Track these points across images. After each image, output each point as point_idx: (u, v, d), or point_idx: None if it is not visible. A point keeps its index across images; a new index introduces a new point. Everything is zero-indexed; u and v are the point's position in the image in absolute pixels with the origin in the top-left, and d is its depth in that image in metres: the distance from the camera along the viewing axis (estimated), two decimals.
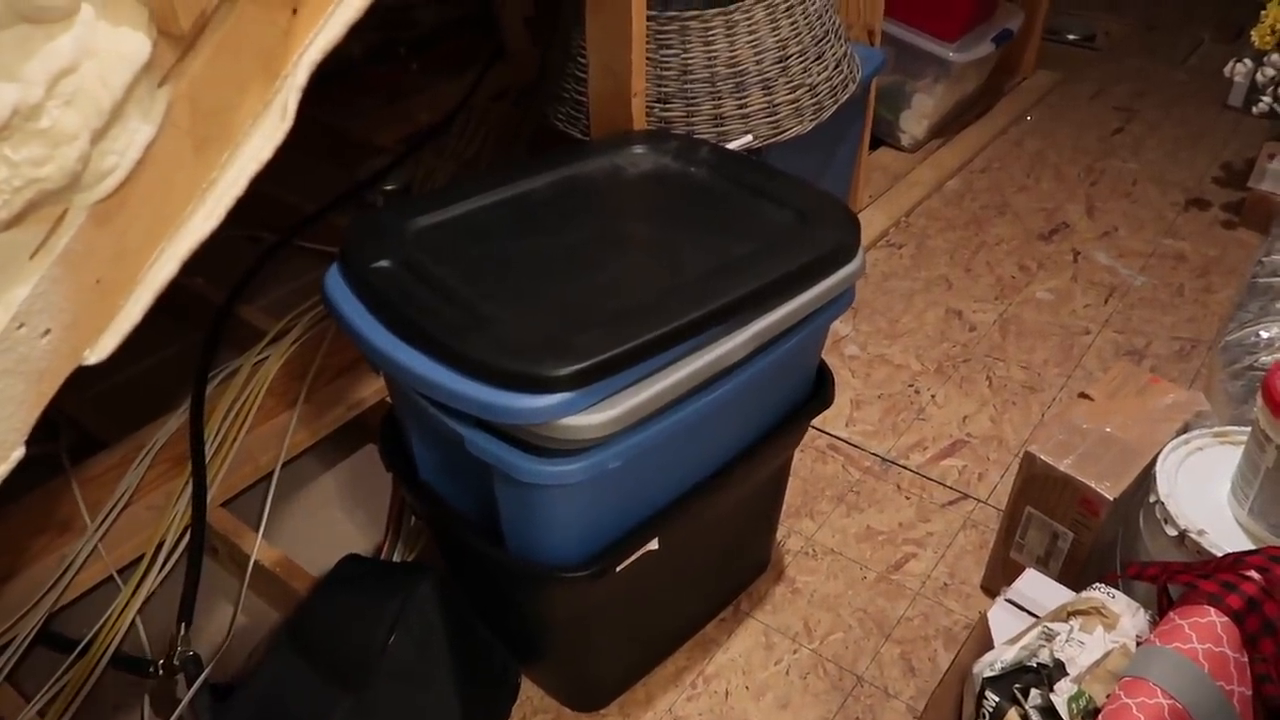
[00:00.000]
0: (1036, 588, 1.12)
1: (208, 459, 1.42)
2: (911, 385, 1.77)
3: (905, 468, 1.59)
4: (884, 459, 1.61)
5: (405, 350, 0.94)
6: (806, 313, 1.05)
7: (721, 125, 1.70)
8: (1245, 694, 0.84)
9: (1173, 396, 1.28)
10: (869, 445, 1.64)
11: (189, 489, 1.38)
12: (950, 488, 1.55)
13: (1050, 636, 0.92)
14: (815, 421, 1.62)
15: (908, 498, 1.54)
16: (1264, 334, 1.30)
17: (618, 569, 1.03)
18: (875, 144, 2.48)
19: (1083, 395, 1.30)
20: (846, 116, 1.90)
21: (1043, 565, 1.24)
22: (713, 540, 1.23)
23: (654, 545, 1.06)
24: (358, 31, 0.91)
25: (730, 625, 1.33)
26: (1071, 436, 1.22)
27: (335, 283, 1.04)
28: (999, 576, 1.33)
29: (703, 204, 1.17)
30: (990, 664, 0.92)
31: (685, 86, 1.66)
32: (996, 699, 0.89)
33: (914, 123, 2.50)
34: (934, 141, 2.55)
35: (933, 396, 1.75)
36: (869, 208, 2.27)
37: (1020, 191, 2.40)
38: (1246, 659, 0.85)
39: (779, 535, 1.43)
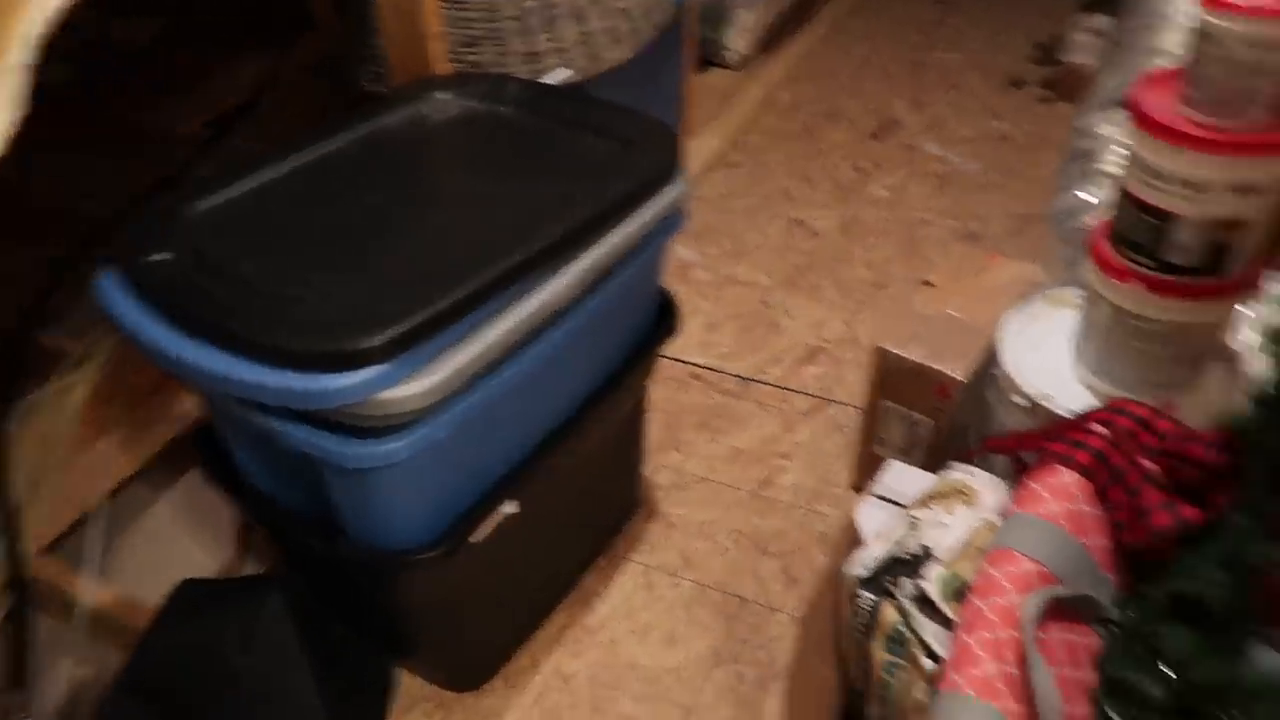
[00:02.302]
0: (901, 478, 1.11)
1: (19, 503, 1.27)
2: (763, 301, 1.75)
3: (765, 383, 1.57)
4: (743, 378, 1.59)
5: (195, 348, 0.84)
6: (633, 242, 0.99)
7: (537, 63, 1.62)
8: (1104, 545, 0.84)
9: (1011, 271, 1.29)
10: (727, 366, 1.61)
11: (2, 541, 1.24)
12: (812, 395, 1.54)
13: (915, 524, 0.90)
14: (671, 351, 1.59)
15: (771, 412, 1.52)
16: (1083, 195, 1.32)
17: (473, 541, 0.97)
18: (703, 65, 2.44)
19: (925, 283, 1.29)
20: (668, 40, 1.84)
21: (905, 455, 1.24)
22: (575, 490, 1.18)
23: (511, 509, 1.00)
24: (143, 11, 0.79)
25: (608, 572, 1.29)
26: (917, 325, 1.21)
27: (109, 286, 0.92)
28: (866, 474, 1.32)
29: (516, 145, 1.09)
30: (861, 563, 0.90)
31: (493, 26, 1.56)
32: (871, 597, 0.87)
33: (738, 39, 2.46)
34: (761, 57, 2.53)
35: (785, 309, 1.73)
36: (704, 130, 2.23)
37: (849, 95, 2.40)
38: (1101, 511, 0.86)
39: (647, 471, 1.39)
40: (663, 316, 1.17)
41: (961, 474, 0.95)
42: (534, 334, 0.92)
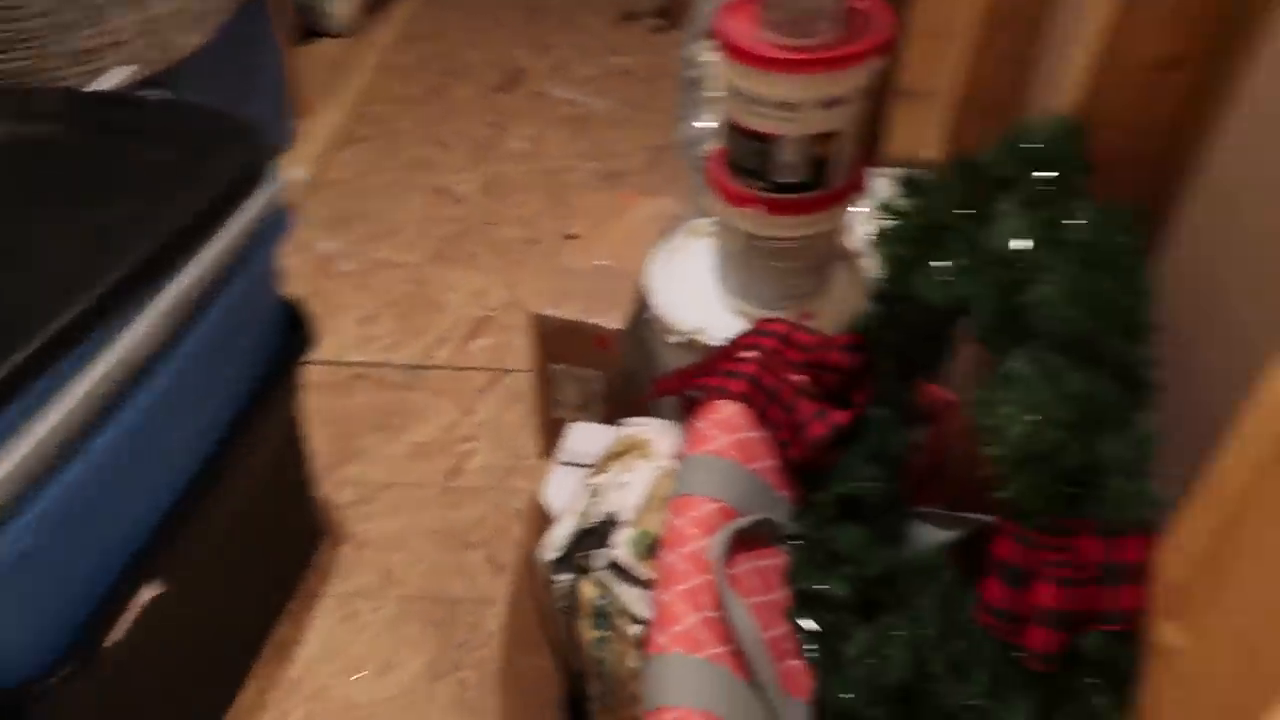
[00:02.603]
0: (584, 439, 1.09)
1: None
2: (417, 280, 1.66)
3: (436, 367, 1.49)
4: (411, 367, 1.49)
5: None
6: (227, 259, 0.86)
7: (90, 63, 1.38)
8: (774, 465, 0.86)
9: (649, 209, 1.29)
10: (391, 358, 1.51)
11: None
12: (485, 369, 1.48)
13: (597, 492, 0.88)
14: (326, 354, 1.46)
15: (447, 397, 1.44)
16: (700, 124, 1.35)
17: (111, 644, 0.82)
18: (306, 37, 2.24)
19: (569, 236, 1.26)
20: (253, 14, 1.66)
21: (584, 413, 1.22)
22: (236, 542, 1.04)
23: (154, 591, 0.86)
24: None
25: (302, 614, 1.17)
26: (567, 281, 1.18)
27: None
28: (552, 439, 1.29)
29: (56, 170, 0.89)
30: (551, 545, 0.86)
31: (20, 27, 1.31)
32: (567, 577, 0.84)
33: (340, 3, 2.28)
34: (369, 19, 2.37)
35: (442, 284, 1.65)
36: (321, 107, 2.06)
37: (469, 48, 2.32)
38: (765, 433, 0.87)
39: (323, 492, 1.28)
40: (293, 329, 1.05)
41: (634, 428, 0.93)
42: (122, 390, 0.77)
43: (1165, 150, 0.63)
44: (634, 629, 0.80)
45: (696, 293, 1.10)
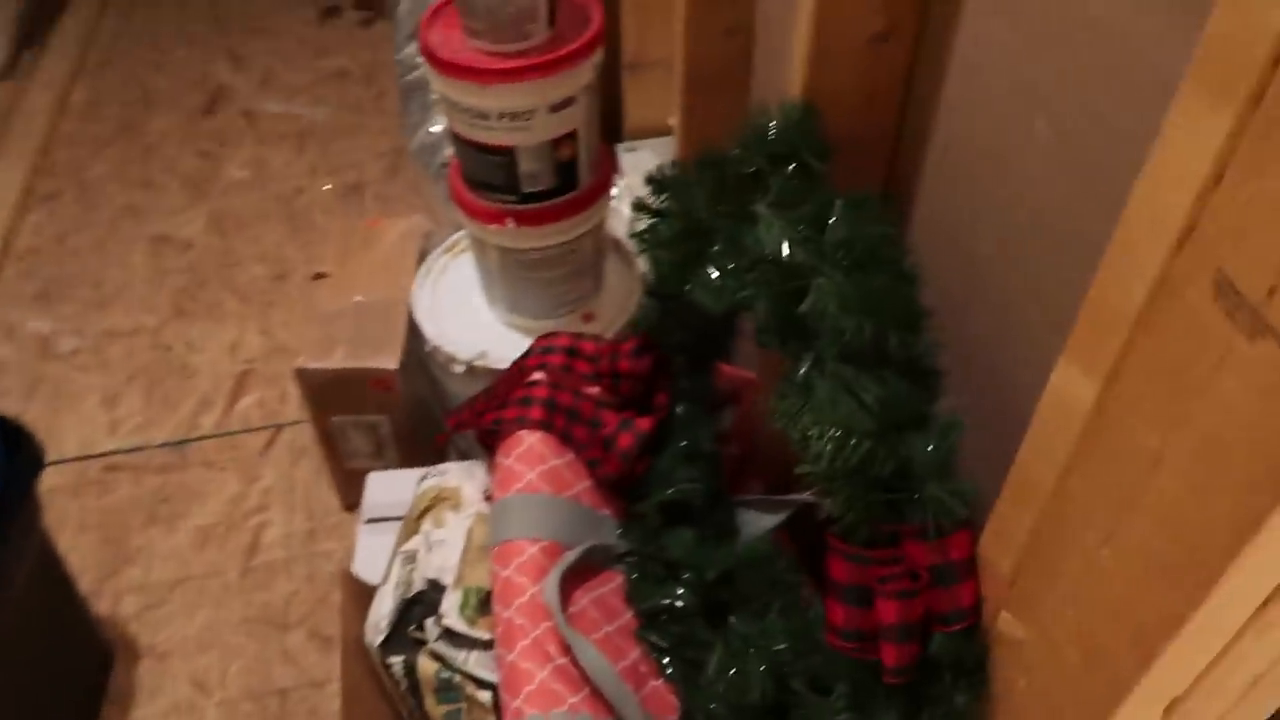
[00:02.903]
0: (386, 489, 1.03)
1: None
2: (158, 345, 1.50)
3: (203, 438, 1.36)
4: (174, 444, 1.36)
5: None
6: None
7: None
8: (589, 486, 0.84)
9: (398, 230, 1.22)
10: (149, 439, 1.36)
11: None
12: (259, 429, 1.37)
13: (412, 558, 0.83)
14: (72, 451, 1.30)
15: (223, 468, 1.32)
16: (434, 130, 1.28)
17: None
18: None
19: (317, 276, 1.17)
20: None
21: (379, 460, 1.15)
22: (6, 689, 0.91)
23: None
24: None
25: None
26: (327, 326, 1.10)
27: None
28: (351, 491, 1.22)
29: None
30: (375, 627, 0.81)
31: None
32: (399, 659, 0.79)
33: None
34: (31, 54, 2.09)
35: (188, 344, 1.50)
36: None
37: (157, 71, 2.10)
38: (573, 455, 0.85)
39: (103, 609, 1.14)
40: (13, 451, 0.91)
41: (437, 478, 0.88)
42: None
43: (893, 126, 0.65)
44: (484, 694, 0.76)
45: (469, 315, 1.05)
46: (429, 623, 0.78)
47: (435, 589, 0.79)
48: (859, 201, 0.53)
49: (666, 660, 0.77)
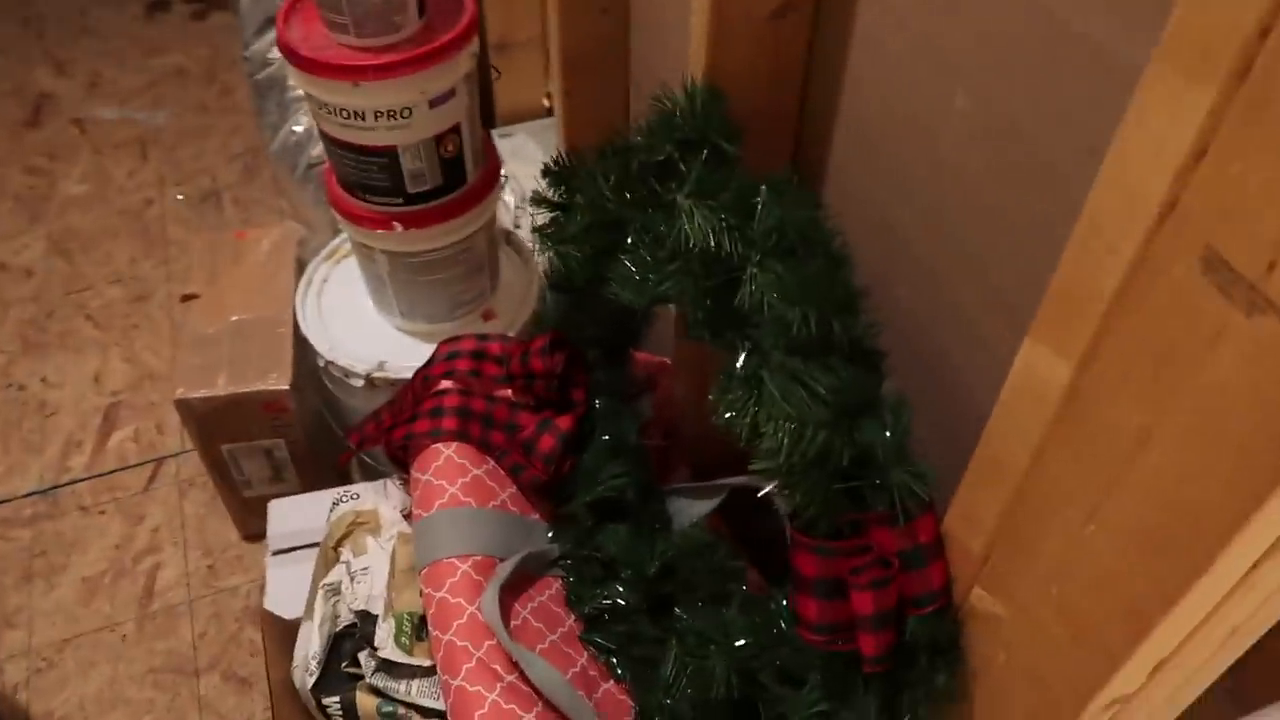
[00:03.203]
0: (291, 516, 0.97)
1: None
2: (9, 383, 1.38)
3: (75, 482, 1.26)
4: (42, 492, 1.25)
5: None
6: None
7: None
8: (514, 493, 0.81)
9: (270, 239, 1.15)
10: (14, 489, 1.25)
11: None
12: (138, 465, 1.27)
13: (336, 590, 0.78)
14: None
15: (103, 511, 1.23)
16: (298, 129, 1.21)
17: None
18: None
19: (186, 298, 1.09)
20: None
21: (279, 484, 1.09)
22: None
23: None
24: None
25: None
26: (205, 351, 1.02)
27: None
28: (250, 520, 1.15)
29: None
30: (305, 668, 0.76)
31: None
32: (335, 699, 0.75)
33: None
34: None
35: (44, 380, 1.38)
36: None
37: None
38: (493, 462, 0.82)
39: None
40: None
41: (349, 504, 0.83)
42: None
43: (798, 102, 0.64)
44: None
45: (361, 325, 1.00)
46: (362, 656, 0.75)
47: (365, 619, 0.75)
48: (782, 185, 0.51)
49: (615, 661, 0.75)
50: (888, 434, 0.45)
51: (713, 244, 0.52)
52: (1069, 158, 0.42)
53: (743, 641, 0.57)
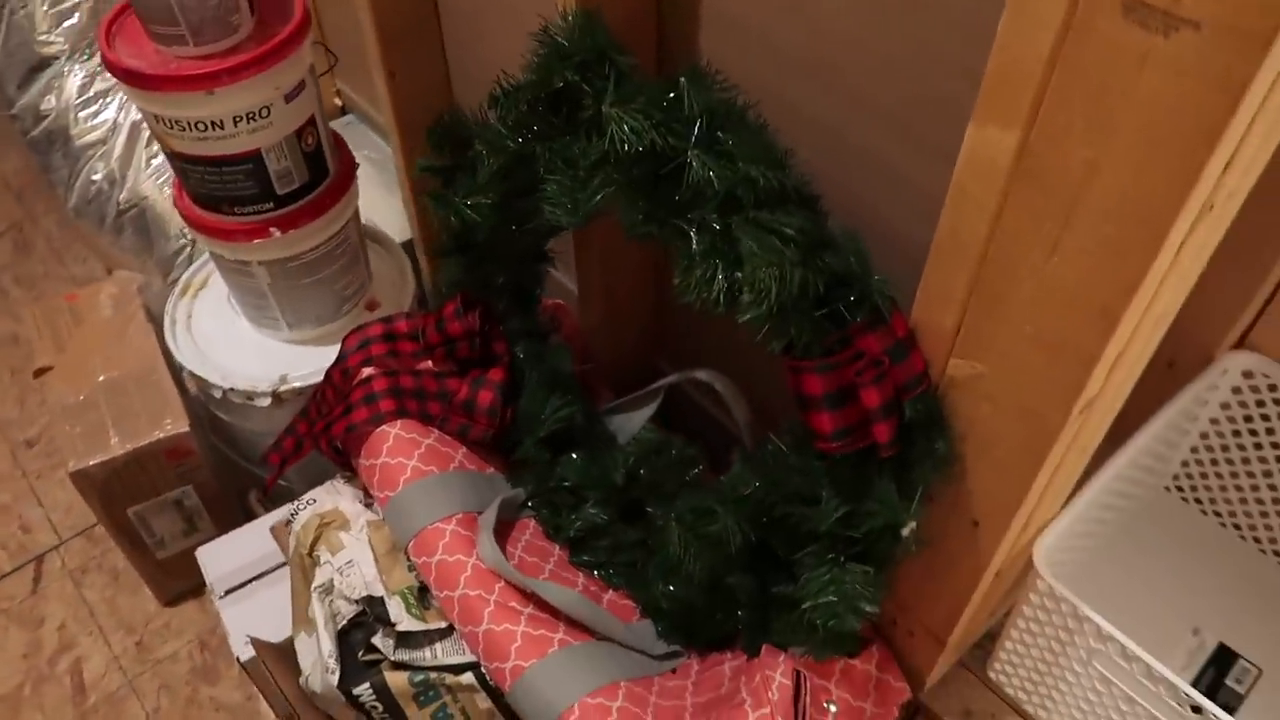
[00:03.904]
0: (227, 555, 0.94)
1: None
2: None
3: None
4: None
5: None
6: None
7: None
8: (466, 453, 0.84)
9: (107, 294, 1.09)
10: None
11: None
12: (19, 562, 1.17)
13: (329, 589, 0.78)
14: None
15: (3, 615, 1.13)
16: (96, 176, 1.13)
17: None
18: None
19: (40, 372, 1.02)
20: None
21: (194, 534, 1.05)
22: None
23: None
24: None
25: None
26: (85, 418, 0.97)
27: None
28: (169, 583, 1.10)
29: None
30: (324, 669, 0.76)
31: None
32: (365, 685, 0.75)
33: None
34: None
35: None
36: None
37: None
38: (439, 430, 0.84)
39: None
40: None
41: (307, 509, 0.83)
42: None
43: (655, 7, 0.70)
44: (465, 677, 0.76)
45: (246, 347, 0.98)
46: (377, 640, 0.76)
47: (373, 603, 0.76)
48: (697, 75, 0.57)
49: (609, 573, 0.80)
50: (851, 258, 0.53)
51: (645, 143, 0.57)
52: None
53: (750, 490, 0.63)
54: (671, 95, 0.58)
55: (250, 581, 0.93)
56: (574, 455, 0.83)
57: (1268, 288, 0.64)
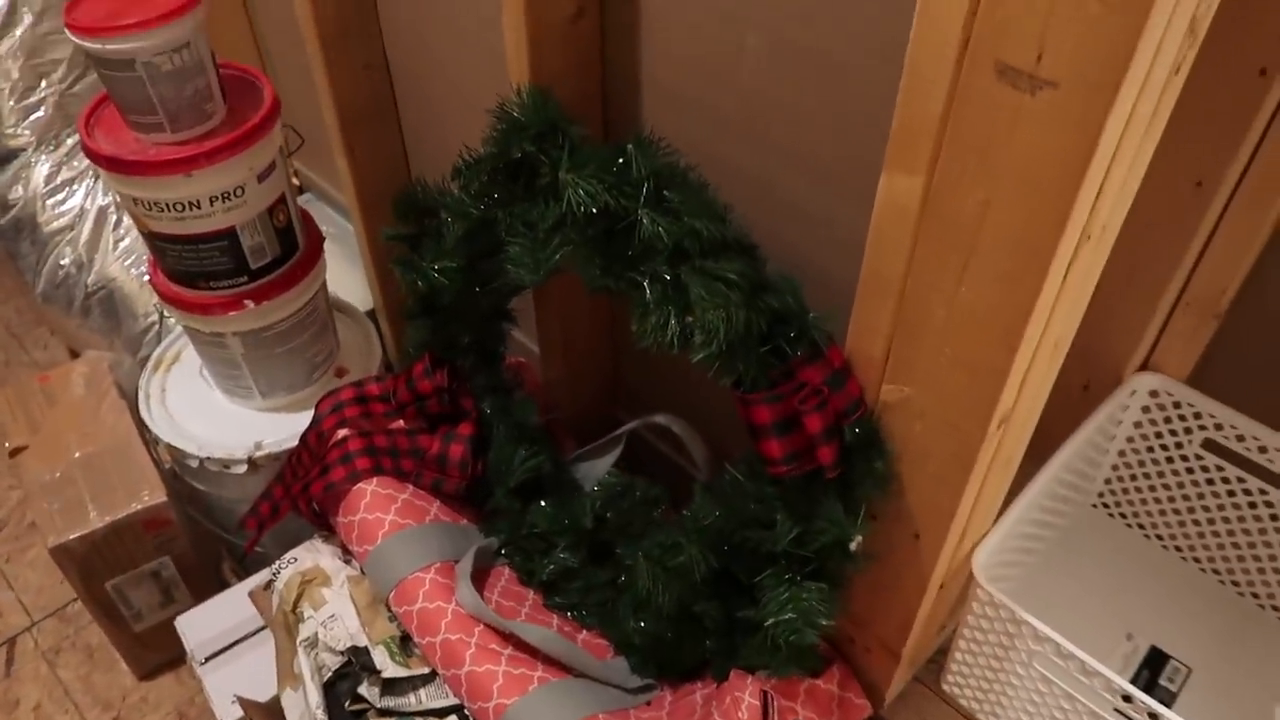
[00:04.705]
0: (205, 623, 0.96)
1: None
2: None
3: None
4: None
5: None
6: None
7: None
8: (440, 506, 0.87)
9: (80, 374, 1.11)
10: None
11: None
12: None
13: (314, 642, 0.81)
14: None
15: None
16: (65, 261, 1.16)
17: None
18: None
19: (15, 451, 1.04)
20: None
21: (171, 605, 1.06)
22: None
23: None
24: None
25: None
26: (62, 494, 0.99)
27: None
28: (145, 655, 1.11)
29: None
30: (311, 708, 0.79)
31: None
32: None
33: None
34: None
35: None
36: None
37: None
38: (413, 486, 0.87)
39: None
40: None
41: (288, 568, 0.86)
42: None
43: (600, 85, 0.77)
44: None
45: (220, 418, 1.01)
46: (363, 689, 0.79)
47: (358, 653, 0.79)
48: (644, 143, 0.63)
49: (583, 613, 0.84)
50: (789, 297, 0.59)
51: (599, 205, 0.63)
52: (855, 60, 0.58)
53: (711, 520, 0.68)
54: (621, 161, 0.64)
55: (230, 647, 0.95)
56: (543, 503, 0.87)
57: (1163, 312, 0.71)
